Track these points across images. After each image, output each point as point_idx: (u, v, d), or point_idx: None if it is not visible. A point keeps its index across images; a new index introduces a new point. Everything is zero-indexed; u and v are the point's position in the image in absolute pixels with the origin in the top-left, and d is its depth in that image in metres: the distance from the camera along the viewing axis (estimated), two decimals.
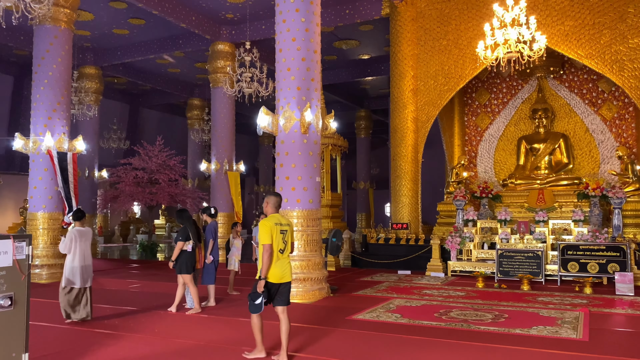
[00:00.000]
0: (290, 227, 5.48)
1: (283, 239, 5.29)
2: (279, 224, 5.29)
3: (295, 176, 8.87)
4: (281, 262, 5.27)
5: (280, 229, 5.28)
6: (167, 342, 6.06)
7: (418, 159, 14.51)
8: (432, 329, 6.70)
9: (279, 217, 5.39)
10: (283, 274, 5.29)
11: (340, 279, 11.40)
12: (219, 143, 16.73)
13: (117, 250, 21.54)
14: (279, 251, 5.25)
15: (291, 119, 8.85)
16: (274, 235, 5.18)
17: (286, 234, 5.35)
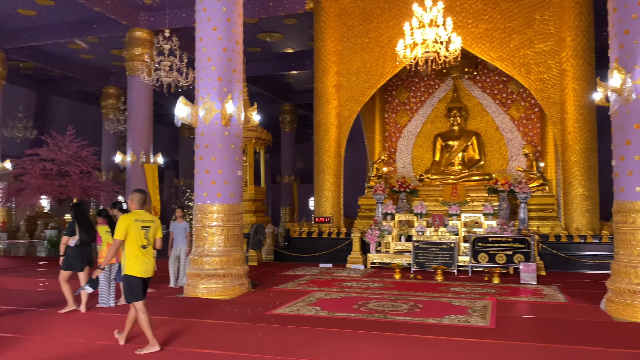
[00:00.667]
0: (155, 224, 5.55)
1: (145, 235, 5.38)
2: (140, 221, 5.38)
3: (215, 169, 8.68)
4: (144, 258, 5.39)
5: (142, 226, 5.38)
6: (70, 344, 5.72)
7: (341, 153, 14.70)
8: (350, 320, 6.82)
9: (142, 213, 5.48)
10: (146, 269, 5.41)
11: (262, 273, 11.34)
12: (135, 134, 16.04)
13: (23, 247, 20.09)
14: (141, 247, 5.36)
15: (212, 111, 8.63)
16: (131, 232, 5.30)
17: (149, 230, 5.43)
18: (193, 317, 7.05)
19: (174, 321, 6.80)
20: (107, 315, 7.26)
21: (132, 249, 5.34)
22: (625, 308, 6.83)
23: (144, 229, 5.39)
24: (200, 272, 8.53)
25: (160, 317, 7.01)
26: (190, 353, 5.37)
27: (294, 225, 14.63)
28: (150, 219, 5.56)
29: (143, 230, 5.37)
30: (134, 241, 5.34)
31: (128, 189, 16.31)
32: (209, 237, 8.63)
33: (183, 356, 5.29)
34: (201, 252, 8.65)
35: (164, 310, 7.53)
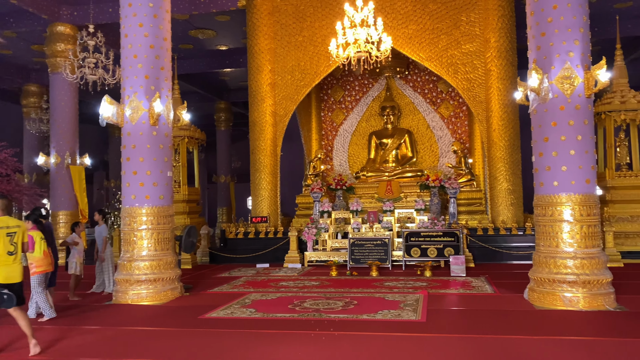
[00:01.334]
0: (21, 228, 5.53)
1: (11, 242, 5.36)
2: (5, 227, 5.32)
3: (143, 171, 8.37)
4: (10, 265, 5.35)
5: (7, 232, 5.34)
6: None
7: (277, 152, 14.62)
8: (285, 321, 6.78)
9: (6, 219, 5.42)
10: (10, 274, 5.36)
11: (196, 276, 11.08)
12: (59, 134, 15.22)
13: None
14: (7, 253, 5.32)
15: (139, 110, 8.31)
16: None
17: (14, 236, 5.40)
18: (122, 325, 6.77)
19: (102, 330, 6.50)
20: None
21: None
22: (545, 296, 7.21)
23: (9, 235, 5.34)
24: (129, 278, 8.21)
25: (88, 326, 6.68)
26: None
27: (230, 226, 14.41)
28: (16, 224, 5.51)
29: (9, 237, 5.33)
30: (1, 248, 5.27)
31: (53, 191, 15.45)
32: (137, 241, 8.32)
33: None
34: (130, 256, 8.32)
35: (92, 319, 7.18)
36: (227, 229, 14.13)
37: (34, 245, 6.99)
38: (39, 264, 7.06)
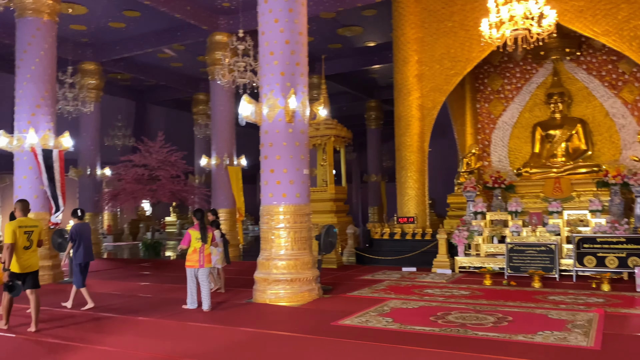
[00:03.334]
0: (38, 228, 6.58)
1: (28, 238, 6.39)
2: (23, 227, 6.37)
3: (280, 169, 8.22)
4: (27, 257, 6.39)
5: (25, 230, 6.37)
6: (115, 356, 5.49)
7: (424, 148, 13.72)
8: (423, 335, 6.00)
9: (25, 220, 6.48)
10: (27, 265, 6.39)
11: (339, 277, 10.75)
12: (218, 137, 16.18)
13: (124, 249, 21.24)
14: (24, 248, 6.33)
15: (275, 107, 8.19)
16: (17, 235, 6.25)
17: (31, 234, 6.44)
18: (254, 326, 6.61)
19: (233, 332, 6.41)
20: (178, 324, 7.03)
21: (17, 250, 6.28)
22: None
23: (27, 233, 6.39)
24: (267, 277, 8.12)
25: (223, 325, 6.64)
26: None
27: (375, 225, 13.87)
28: (33, 224, 6.54)
29: (26, 234, 6.37)
30: (19, 243, 6.29)
31: (214, 191, 16.49)
32: (275, 240, 8.20)
33: None
34: (268, 255, 8.24)
35: (227, 317, 7.18)
36: (372, 229, 13.62)
37: (188, 241, 7.58)
38: (188, 258, 7.65)
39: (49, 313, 7.72)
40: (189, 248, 7.62)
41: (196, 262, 7.63)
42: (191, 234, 7.63)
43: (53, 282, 11.02)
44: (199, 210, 7.94)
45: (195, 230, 7.65)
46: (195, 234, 7.62)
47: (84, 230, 8.18)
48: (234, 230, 16.28)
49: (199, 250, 7.62)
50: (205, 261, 7.67)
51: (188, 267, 7.68)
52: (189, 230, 7.71)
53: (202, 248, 7.64)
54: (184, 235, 7.67)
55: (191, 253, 7.64)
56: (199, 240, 7.60)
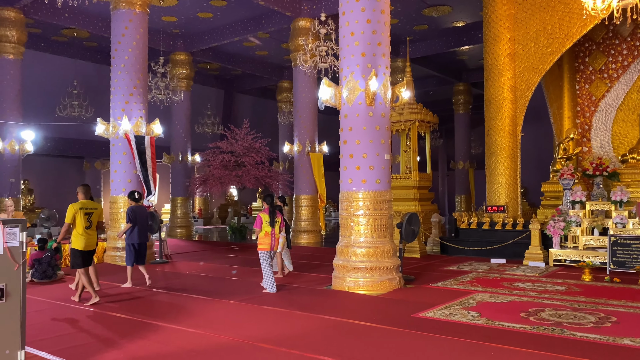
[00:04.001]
0: (97, 210, 7.19)
1: (88, 219, 7.02)
2: (84, 208, 7.02)
3: (359, 154, 7.98)
4: (87, 236, 7.05)
5: (85, 212, 7.02)
6: (196, 337, 5.54)
7: (517, 132, 12.83)
8: (513, 333, 5.54)
9: (85, 202, 7.10)
10: (88, 244, 7.08)
11: (422, 267, 10.36)
12: (300, 124, 16.22)
13: (214, 232, 22.07)
14: (85, 228, 7.00)
15: (355, 90, 7.93)
16: (77, 217, 6.94)
17: (91, 215, 7.08)
18: (332, 314, 6.46)
19: (308, 319, 6.30)
20: (257, 308, 7.07)
21: (78, 229, 6.96)
22: None
23: (87, 214, 7.01)
24: (346, 264, 7.95)
25: (300, 311, 6.57)
26: (309, 359, 4.75)
27: (462, 214, 13.23)
28: (93, 207, 7.16)
29: (86, 216, 6.99)
30: (79, 223, 6.93)
31: (295, 177, 16.60)
32: (354, 227, 7.99)
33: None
34: (347, 242, 8.05)
35: (306, 303, 7.10)
36: (459, 218, 13.00)
37: (260, 224, 7.90)
38: (260, 241, 7.95)
39: (137, 291, 8.09)
40: (261, 231, 7.92)
41: (268, 245, 7.92)
42: (262, 217, 7.92)
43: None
44: (268, 195, 8.30)
45: (265, 214, 7.94)
46: (265, 218, 7.91)
47: (140, 212, 8.56)
48: (315, 217, 16.30)
49: (270, 233, 7.89)
50: (276, 244, 8.03)
51: (261, 249, 7.96)
52: (259, 214, 8.00)
53: (272, 232, 7.91)
54: (256, 219, 8.00)
55: (263, 237, 7.93)
56: (268, 224, 7.88)
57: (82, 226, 6.97)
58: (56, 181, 22.70)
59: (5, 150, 15.10)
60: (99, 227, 7.27)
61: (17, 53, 15.40)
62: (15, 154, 15.33)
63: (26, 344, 5.07)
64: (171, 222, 19.67)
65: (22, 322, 3.86)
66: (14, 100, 15.29)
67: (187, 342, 5.30)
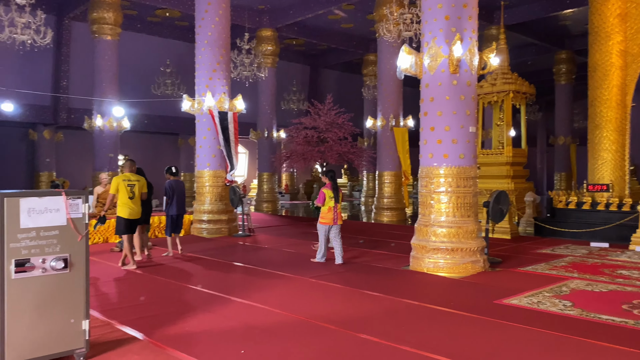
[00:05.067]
0: (140, 182, 7.77)
1: (131, 190, 7.64)
2: (127, 180, 7.66)
3: (441, 126, 7.41)
4: (130, 206, 7.64)
5: (128, 184, 7.65)
6: (263, 313, 5.42)
7: (626, 103, 11.45)
8: (612, 327, 4.87)
9: (129, 175, 7.75)
10: (132, 213, 7.67)
11: (511, 249, 9.61)
12: (384, 97, 15.70)
13: (300, 207, 22.28)
14: (128, 198, 7.62)
15: (437, 57, 7.34)
16: (120, 188, 7.59)
17: (134, 187, 7.68)
18: (407, 296, 6.10)
19: (386, 300, 5.98)
20: (329, 286, 6.88)
21: (122, 199, 7.58)
22: None
23: (130, 186, 7.63)
24: (425, 244, 7.50)
25: (376, 292, 6.26)
26: (376, 344, 4.45)
27: (559, 193, 12.13)
28: (136, 179, 7.75)
29: (129, 187, 7.62)
30: (123, 194, 7.57)
31: (379, 153, 16.18)
32: (435, 205, 7.49)
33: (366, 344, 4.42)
34: (426, 221, 7.58)
35: (382, 284, 6.78)
36: (556, 197, 11.93)
37: (323, 199, 8.00)
38: (322, 216, 8.11)
39: (213, 264, 8.22)
40: (324, 206, 8.03)
41: (330, 220, 8.07)
42: (325, 192, 8.01)
43: (228, 235, 11.83)
44: (330, 171, 8.39)
45: (329, 189, 8.04)
46: (329, 193, 8.02)
47: (178, 186, 8.95)
48: (399, 194, 15.81)
49: (332, 208, 8.01)
50: (338, 218, 8.09)
51: (322, 224, 8.13)
52: (322, 189, 8.10)
53: (335, 207, 8.03)
54: (319, 194, 8.08)
55: (325, 211, 8.08)
56: (332, 199, 8.01)
57: (126, 196, 7.57)
58: (153, 157, 23.98)
59: (104, 127, 16.08)
60: (143, 199, 7.80)
61: (114, 34, 16.21)
62: (114, 131, 16.27)
63: (99, 313, 5.26)
64: (258, 196, 20.07)
65: (85, 292, 3.91)
66: (112, 79, 16.17)
67: (251, 318, 5.21)
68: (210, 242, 10.84)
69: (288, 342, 4.47)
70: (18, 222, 3.61)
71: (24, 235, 3.62)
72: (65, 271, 3.80)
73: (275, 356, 4.13)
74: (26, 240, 3.63)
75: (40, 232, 3.70)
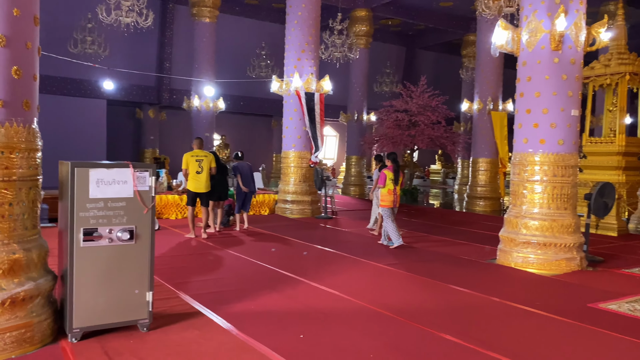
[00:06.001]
0: (208, 158, 8.35)
1: (199, 165, 8.22)
2: (195, 156, 8.26)
3: (539, 109, 6.73)
4: (197, 180, 8.25)
5: (197, 159, 8.24)
6: (330, 298, 5.25)
7: None
8: None
9: (197, 151, 8.36)
10: (198, 186, 8.26)
11: (616, 248, 8.64)
12: (482, 79, 14.80)
13: None
14: (195, 172, 8.21)
15: (537, 32, 6.64)
16: (189, 163, 8.23)
17: (201, 162, 8.25)
18: (490, 291, 5.62)
19: (465, 294, 5.57)
20: (405, 275, 6.59)
21: (191, 174, 8.22)
22: None
23: (198, 161, 8.23)
24: (515, 237, 6.90)
25: (453, 285, 5.86)
26: (445, 341, 4.11)
27: None
28: (204, 154, 8.34)
29: (197, 162, 8.22)
30: (192, 169, 8.19)
31: (474, 138, 15.35)
32: (527, 195, 6.86)
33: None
34: (517, 212, 6.97)
35: (463, 277, 6.35)
36: None
37: (384, 181, 8.05)
38: (383, 198, 8.09)
39: (286, 242, 8.21)
40: (384, 188, 8.05)
41: (391, 202, 8.06)
42: (386, 174, 8.06)
43: (312, 216, 11.83)
44: (392, 153, 8.45)
45: (389, 171, 8.08)
46: (390, 175, 8.06)
47: (243, 167, 9.43)
48: (494, 183, 14.91)
49: (393, 191, 8.04)
50: (398, 201, 8.14)
51: (384, 206, 8.09)
52: (383, 170, 8.15)
53: (395, 189, 8.07)
54: (380, 176, 8.20)
55: (386, 194, 8.06)
56: (392, 182, 8.05)
57: (194, 171, 8.21)
58: (248, 137, 24.74)
59: (201, 107, 16.72)
60: (212, 173, 8.34)
61: (212, 17, 16.72)
62: (210, 111, 16.88)
63: (171, 285, 5.39)
64: (345, 180, 19.94)
65: (150, 264, 3.97)
66: (209, 61, 16.73)
67: (317, 301, 5.08)
68: (292, 222, 10.89)
69: (350, 330, 4.27)
70: (87, 192, 3.71)
71: (92, 205, 3.73)
72: (131, 242, 3.87)
73: (333, 344, 3.95)
74: (94, 210, 3.74)
75: (108, 203, 3.78)
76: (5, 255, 3.41)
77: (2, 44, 3.37)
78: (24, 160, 3.55)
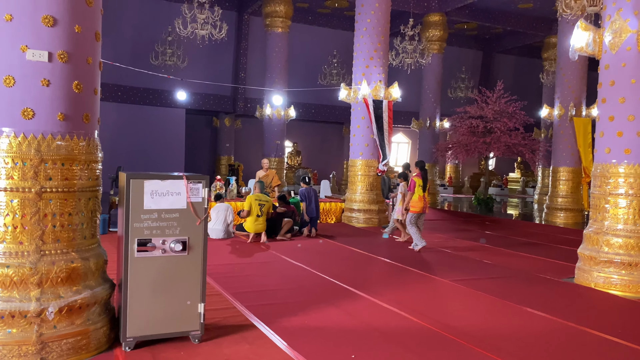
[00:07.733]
0: (268, 203, 8.95)
1: (260, 210, 8.75)
2: (258, 200, 8.78)
3: (623, 116, 6.15)
4: (257, 222, 8.77)
5: (259, 203, 8.77)
6: (387, 315, 5.02)
7: None
8: None
9: (259, 195, 8.94)
10: (256, 228, 8.77)
11: None
12: (564, 83, 13.90)
13: (463, 201, 21.13)
14: (256, 215, 8.73)
15: (622, 32, 6.09)
16: (253, 206, 8.72)
17: (263, 207, 8.79)
18: (562, 315, 5.17)
19: (530, 315, 5.17)
20: (472, 292, 6.25)
21: (252, 216, 8.72)
22: None
23: (260, 205, 8.76)
24: (595, 256, 6.34)
25: (520, 304, 5.47)
26: None
27: None
28: (265, 199, 8.92)
29: (259, 206, 8.74)
30: (253, 212, 8.72)
31: (554, 146, 14.44)
32: (610, 210, 6.28)
33: None
34: (599, 228, 6.40)
35: (539, 298, 5.90)
36: None
37: (414, 188, 8.50)
38: (413, 205, 8.54)
39: (349, 253, 8.05)
40: (414, 194, 8.51)
41: (420, 208, 8.55)
42: (416, 181, 8.51)
43: (378, 225, 11.59)
44: (420, 161, 8.95)
45: (419, 178, 8.54)
46: (419, 182, 8.52)
47: (310, 193, 9.82)
48: (576, 193, 13.93)
49: (422, 197, 8.52)
50: (427, 207, 8.70)
51: (413, 212, 8.55)
52: (412, 178, 8.60)
53: (424, 195, 8.55)
54: (410, 183, 8.65)
55: (416, 200, 8.51)
56: (420, 187, 8.51)
57: (255, 214, 8.76)
58: (320, 144, 24.87)
59: (273, 115, 17.00)
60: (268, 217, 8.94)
61: (285, 27, 16.99)
62: (281, 119, 17.12)
63: (229, 295, 5.41)
64: None
65: (202, 276, 3.98)
66: (281, 70, 17.00)
67: (375, 318, 4.88)
68: (358, 232, 10.73)
69: (406, 352, 4.05)
70: (142, 203, 3.78)
71: (146, 216, 3.79)
72: (183, 253, 3.90)
73: None
74: (148, 221, 3.80)
75: (161, 214, 3.84)
76: (63, 264, 3.54)
77: (64, 59, 3.51)
78: (83, 171, 3.68)
